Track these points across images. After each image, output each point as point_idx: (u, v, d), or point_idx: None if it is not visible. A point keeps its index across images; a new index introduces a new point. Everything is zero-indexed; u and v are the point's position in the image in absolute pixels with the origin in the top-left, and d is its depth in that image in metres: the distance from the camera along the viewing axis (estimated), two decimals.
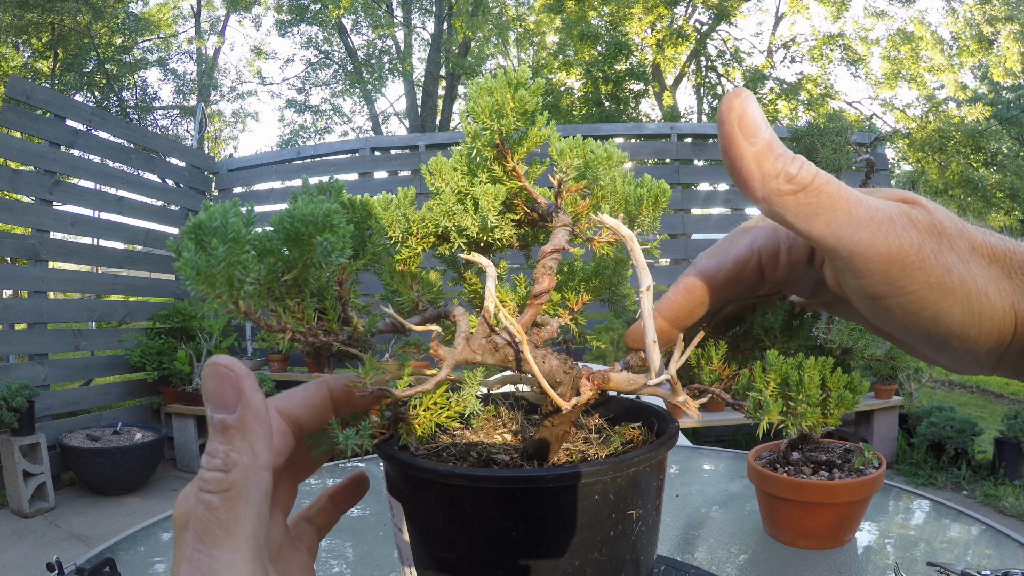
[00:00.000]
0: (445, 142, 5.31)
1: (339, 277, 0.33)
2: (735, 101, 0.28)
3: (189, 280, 0.27)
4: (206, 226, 0.27)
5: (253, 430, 0.28)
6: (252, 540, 0.27)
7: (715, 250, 0.37)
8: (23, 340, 3.82)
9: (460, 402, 0.40)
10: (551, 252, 0.42)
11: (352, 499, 0.43)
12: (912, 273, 0.27)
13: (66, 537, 3.16)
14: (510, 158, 0.44)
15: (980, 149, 9.19)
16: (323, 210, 0.29)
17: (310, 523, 0.41)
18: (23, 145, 3.92)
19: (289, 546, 0.38)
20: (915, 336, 0.29)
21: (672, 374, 0.35)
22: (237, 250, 0.27)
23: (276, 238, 0.30)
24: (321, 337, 0.33)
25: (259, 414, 0.28)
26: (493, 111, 0.41)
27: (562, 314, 0.48)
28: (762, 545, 0.94)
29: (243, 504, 0.27)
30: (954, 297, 0.27)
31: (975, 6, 11.66)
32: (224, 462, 0.27)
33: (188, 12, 13.62)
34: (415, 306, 0.44)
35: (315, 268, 0.30)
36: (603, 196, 0.45)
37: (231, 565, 0.26)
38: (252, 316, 0.30)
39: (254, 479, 0.27)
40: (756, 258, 0.36)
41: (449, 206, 0.44)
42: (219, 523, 0.26)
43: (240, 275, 0.28)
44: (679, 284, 0.38)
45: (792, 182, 0.27)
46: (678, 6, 12.15)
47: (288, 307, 0.31)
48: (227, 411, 0.28)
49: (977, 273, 0.27)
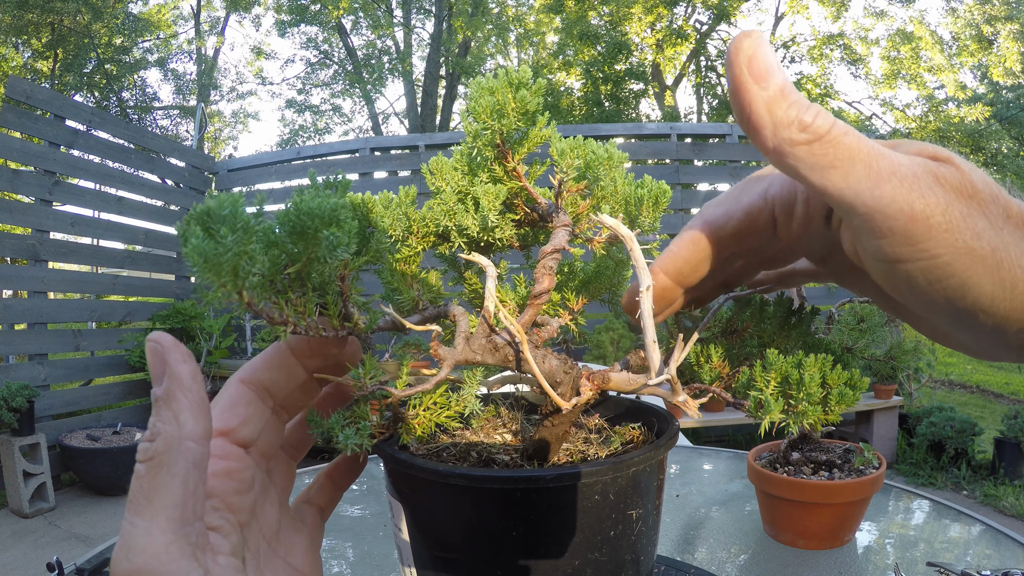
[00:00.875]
0: (445, 142, 5.31)
1: (341, 273, 0.33)
2: (744, 42, 0.25)
3: (196, 267, 0.27)
4: (215, 214, 0.27)
5: (177, 399, 0.27)
6: (173, 509, 0.26)
7: (724, 198, 0.34)
8: (23, 340, 3.82)
9: (460, 402, 0.40)
10: (551, 252, 0.42)
11: (350, 476, 0.43)
12: (938, 235, 0.24)
13: (66, 537, 3.16)
14: (511, 158, 0.44)
15: (980, 149, 9.19)
16: (330, 204, 0.29)
17: (311, 505, 0.41)
18: (23, 145, 3.92)
19: (290, 528, 0.37)
20: (938, 309, 0.27)
21: (672, 373, 0.35)
22: (245, 240, 0.27)
23: (282, 231, 0.30)
24: (321, 332, 0.33)
25: (183, 383, 0.28)
26: (494, 111, 0.41)
27: (562, 314, 0.48)
28: (762, 545, 0.94)
29: (164, 472, 0.26)
30: (984, 265, 0.24)
31: (975, 6, 11.67)
32: (151, 432, 0.27)
33: (188, 12, 13.63)
34: (415, 305, 0.44)
35: (319, 262, 0.30)
36: (604, 196, 0.45)
37: (146, 533, 0.26)
38: (255, 307, 0.30)
39: (177, 448, 0.27)
40: (770, 208, 0.32)
41: (450, 205, 0.44)
42: (142, 491, 0.26)
43: (246, 265, 0.28)
44: (683, 235, 0.35)
45: (807, 131, 0.25)
46: (678, 6, 12.16)
47: (290, 300, 0.31)
48: (158, 384, 0.28)
49: (1011, 243, 0.25)
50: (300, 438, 0.40)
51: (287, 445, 0.39)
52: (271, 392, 0.36)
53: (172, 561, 0.26)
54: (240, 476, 0.33)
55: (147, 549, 0.25)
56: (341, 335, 0.34)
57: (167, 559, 0.26)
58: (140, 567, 0.25)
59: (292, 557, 0.36)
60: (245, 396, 0.35)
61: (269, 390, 0.35)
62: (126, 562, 0.25)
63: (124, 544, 0.26)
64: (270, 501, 0.36)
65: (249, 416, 0.34)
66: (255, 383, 0.35)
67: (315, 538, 0.40)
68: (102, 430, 3.90)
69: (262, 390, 0.35)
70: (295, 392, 0.37)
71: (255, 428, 0.35)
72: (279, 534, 0.36)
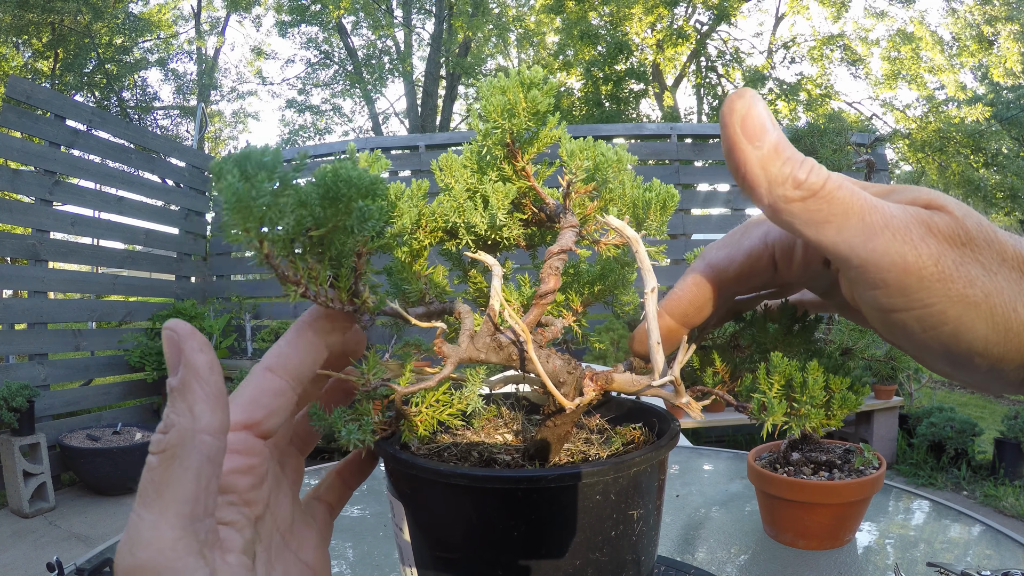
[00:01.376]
0: (445, 142, 5.32)
1: (359, 249, 0.33)
2: (737, 103, 0.26)
3: (227, 206, 0.26)
4: (255, 159, 0.26)
5: (192, 390, 0.27)
6: (183, 504, 0.25)
7: (726, 242, 0.35)
8: (23, 340, 3.82)
9: (462, 400, 0.41)
10: (558, 253, 0.42)
11: (360, 474, 0.43)
12: (931, 285, 0.25)
13: (66, 537, 3.16)
14: (520, 158, 0.44)
15: (980, 149, 9.19)
16: (370, 177, 0.29)
17: (320, 502, 0.41)
18: (23, 145, 3.91)
19: (302, 522, 0.37)
20: (934, 352, 0.28)
21: (676, 375, 0.35)
22: (281, 190, 0.27)
23: (315, 193, 0.29)
24: (329, 302, 0.33)
25: (199, 374, 0.27)
26: (505, 110, 0.41)
27: (566, 315, 0.48)
28: (762, 545, 0.94)
29: (176, 465, 0.26)
30: (977, 311, 0.25)
31: (975, 6, 11.66)
32: (165, 424, 0.26)
33: (188, 12, 13.64)
34: (421, 297, 0.44)
35: (343, 232, 0.30)
36: (611, 199, 0.45)
37: (154, 526, 0.25)
38: (272, 260, 0.29)
39: (190, 441, 0.26)
40: (770, 252, 0.34)
41: (459, 202, 0.44)
42: (152, 484, 0.26)
43: (275, 216, 0.27)
44: (687, 279, 0.36)
45: (801, 188, 0.26)
46: (678, 6, 12.16)
47: (307, 263, 0.31)
48: (173, 373, 0.27)
49: (1005, 286, 0.26)
50: (309, 431, 0.39)
51: (295, 438, 0.39)
52: (300, 377, 0.34)
53: (178, 558, 0.25)
54: (259, 471, 0.32)
55: (153, 543, 0.25)
56: (347, 310, 0.34)
57: (173, 556, 0.25)
58: (144, 562, 0.25)
59: (303, 551, 0.36)
60: (274, 386, 0.33)
61: (298, 375, 0.34)
62: (130, 556, 0.25)
63: (130, 538, 0.25)
64: (284, 493, 0.36)
65: (277, 407, 0.33)
66: (284, 369, 0.33)
67: (325, 534, 0.39)
68: (102, 430, 3.90)
69: (292, 376, 0.34)
70: (314, 369, 0.35)
71: (281, 419, 0.33)
72: (292, 527, 0.36)
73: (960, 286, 0.25)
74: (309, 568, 0.36)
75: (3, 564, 2.86)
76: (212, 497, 0.27)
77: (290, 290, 0.31)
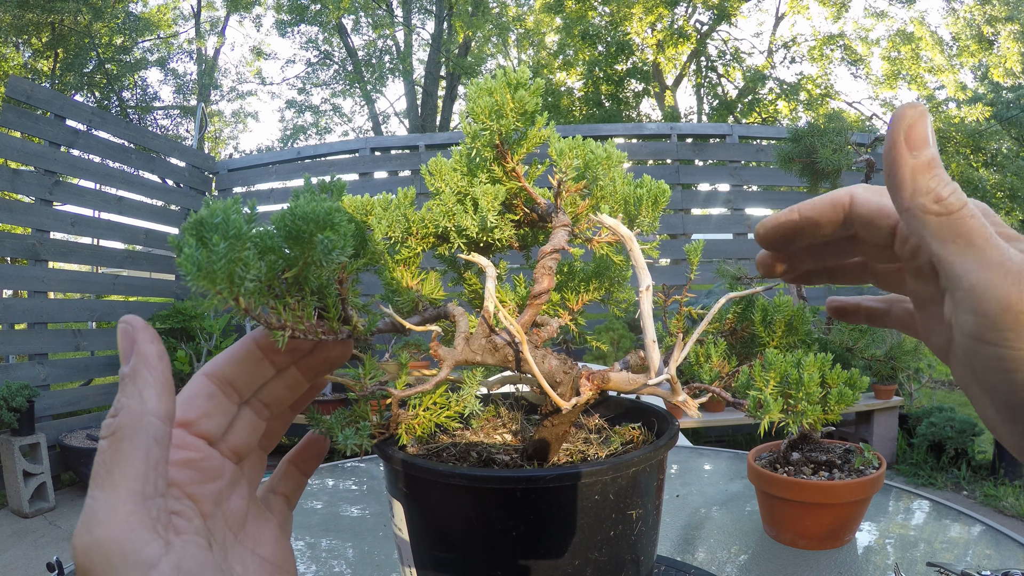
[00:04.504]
0: (445, 142, 5.31)
1: (339, 276, 0.33)
2: (908, 112, 0.29)
3: (190, 276, 0.27)
4: (208, 222, 0.27)
5: (142, 376, 0.28)
6: (134, 482, 0.26)
7: (881, 190, 0.36)
8: (23, 340, 3.82)
9: (460, 402, 0.41)
10: (551, 252, 0.42)
11: (314, 459, 0.43)
12: (1022, 330, 0.27)
13: (66, 537, 3.16)
14: (510, 158, 0.44)
15: (980, 149, 9.18)
16: (324, 208, 0.29)
17: (276, 494, 0.41)
18: (23, 145, 3.91)
19: (257, 517, 0.37)
20: (998, 397, 0.29)
21: (672, 373, 0.35)
22: (238, 247, 0.27)
23: (278, 235, 0.30)
24: (320, 335, 0.33)
25: (149, 362, 0.29)
26: (493, 111, 0.41)
27: (562, 314, 0.48)
28: (762, 545, 0.94)
29: (127, 446, 0.27)
30: None
31: (975, 6, 11.66)
32: (115, 408, 0.28)
33: (188, 12, 13.64)
34: (415, 306, 0.44)
35: (315, 266, 0.30)
36: (603, 196, 0.45)
37: (108, 505, 0.26)
38: (252, 313, 0.30)
39: (140, 422, 0.27)
40: (845, 204, 0.34)
41: (449, 206, 0.44)
42: (104, 465, 0.27)
43: (241, 272, 0.28)
44: (825, 196, 0.36)
45: (940, 203, 0.28)
46: (678, 6, 12.15)
47: (288, 304, 0.31)
48: (125, 362, 0.29)
49: None
50: (272, 428, 0.40)
51: (261, 438, 0.39)
52: (235, 386, 0.35)
53: (132, 531, 0.26)
54: (200, 466, 0.33)
55: (107, 520, 0.26)
56: (341, 338, 0.34)
57: (127, 529, 0.26)
58: (101, 538, 0.25)
59: (260, 547, 0.36)
60: (206, 389, 0.35)
61: (233, 384, 0.35)
62: (87, 535, 0.26)
63: (86, 517, 0.26)
64: (238, 493, 0.36)
65: (209, 409, 0.34)
66: (218, 377, 0.35)
67: (284, 527, 0.40)
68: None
69: (225, 384, 0.35)
70: (274, 387, 0.37)
71: (217, 422, 0.34)
72: (246, 526, 0.36)
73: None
74: (269, 563, 0.36)
75: (3, 564, 2.86)
76: (161, 478, 0.28)
77: (277, 336, 0.31)
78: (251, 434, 0.37)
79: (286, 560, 0.37)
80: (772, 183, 5.04)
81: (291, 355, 0.36)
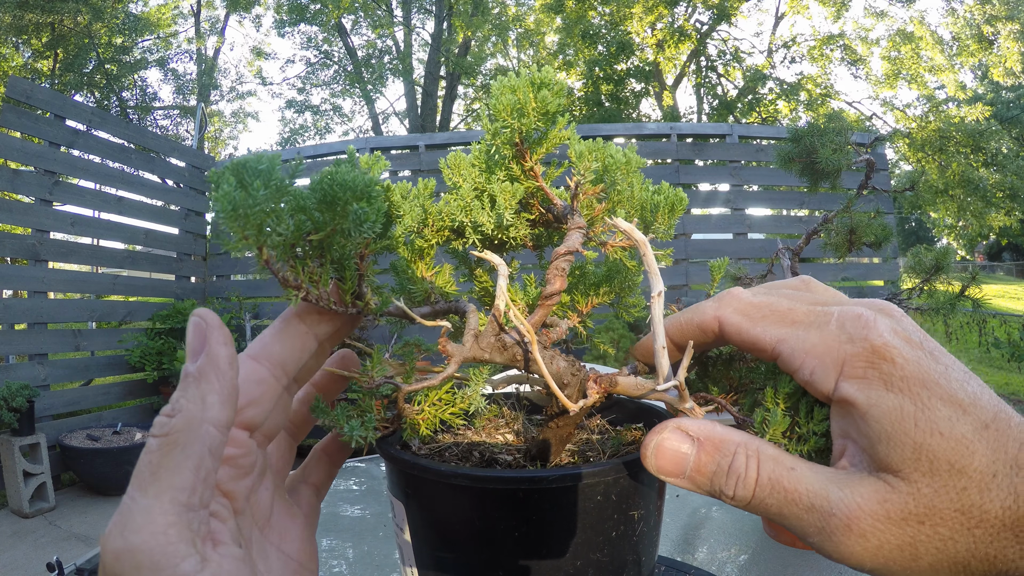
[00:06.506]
0: (445, 142, 5.31)
1: (361, 251, 0.33)
2: (647, 450, 0.31)
3: (223, 214, 0.26)
4: (251, 167, 0.26)
5: (208, 380, 0.26)
6: (179, 492, 0.25)
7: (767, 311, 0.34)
8: (23, 340, 3.82)
9: (465, 399, 0.41)
10: (565, 254, 0.42)
11: (346, 449, 0.41)
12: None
13: (66, 537, 3.16)
14: (528, 158, 0.44)
15: (980, 149, 9.18)
16: (365, 179, 0.29)
17: (307, 485, 0.39)
18: (23, 145, 3.91)
19: (284, 513, 0.36)
20: None
21: (680, 381, 0.35)
22: (276, 197, 0.27)
23: (312, 198, 0.29)
24: (332, 305, 0.33)
25: (218, 366, 0.27)
26: (515, 109, 0.41)
27: (571, 316, 0.48)
28: (762, 545, 0.94)
29: (178, 452, 0.25)
30: None
31: (975, 6, 11.66)
32: (172, 408, 0.26)
33: (188, 12, 13.63)
34: (426, 297, 0.44)
35: (342, 235, 0.30)
36: (619, 201, 0.45)
37: (147, 510, 0.24)
38: (272, 265, 0.29)
39: (196, 429, 0.26)
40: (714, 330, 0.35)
41: (467, 201, 0.44)
42: (150, 467, 0.25)
43: (272, 223, 0.27)
44: (694, 318, 0.37)
45: (735, 500, 0.30)
46: (678, 6, 12.15)
47: (308, 267, 0.31)
48: (192, 360, 0.27)
49: (961, 547, 0.26)
50: (304, 417, 0.38)
51: (290, 425, 0.37)
52: (285, 367, 0.33)
53: (170, 544, 0.24)
54: (239, 463, 0.31)
55: (145, 527, 0.24)
56: (351, 312, 0.34)
57: (164, 540, 0.24)
58: (135, 546, 0.24)
59: (286, 544, 0.35)
60: (256, 375, 0.32)
61: (283, 365, 0.33)
62: (120, 539, 0.24)
63: (122, 520, 0.24)
64: (264, 486, 0.34)
65: (258, 397, 0.32)
66: (268, 359, 0.33)
67: (311, 521, 0.38)
68: (102, 430, 3.90)
69: (276, 366, 0.33)
70: (308, 362, 0.35)
71: (263, 409, 0.32)
72: (271, 520, 0.34)
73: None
74: (293, 560, 0.34)
75: (3, 564, 2.86)
76: (209, 490, 0.26)
77: (291, 294, 0.31)
78: (284, 415, 0.34)
79: (311, 558, 0.36)
80: (772, 183, 5.04)
81: (332, 323, 0.34)
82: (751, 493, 0.28)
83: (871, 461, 0.27)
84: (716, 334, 0.34)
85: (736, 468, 0.29)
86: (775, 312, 0.32)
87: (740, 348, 0.34)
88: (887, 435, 0.27)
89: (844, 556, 0.27)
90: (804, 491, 0.28)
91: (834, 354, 0.29)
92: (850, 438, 0.29)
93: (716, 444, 0.30)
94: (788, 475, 0.28)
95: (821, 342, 0.29)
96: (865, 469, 0.28)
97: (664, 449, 0.30)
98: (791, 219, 5.06)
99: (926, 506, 0.26)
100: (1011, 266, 28.56)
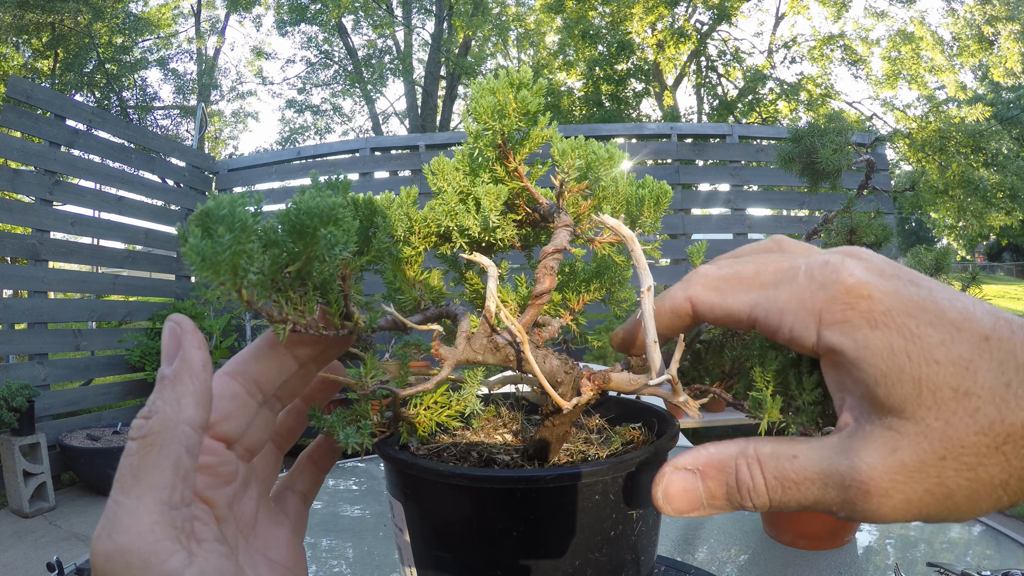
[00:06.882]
0: (445, 142, 5.31)
1: (343, 272, 0.33)
2: (656, 489, 0.31)
3: (194, 266, 0.27)
4: (214, 214, 0.27)
5: (183, 382, 0.27)
6: (161, 491, 0.26)
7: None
8: (23, 340, 3.82)
9: (461, 401, 0.41)
10: (552, 252, 0.42)
11: (331, 456, 0.42)
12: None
13: (66, 537, 3.16)
14: (512, 158, 0.44)
15: (980, 149, 9.18)
16: (328, 204, 0.29)
17: (293, 492, 0.40)
18: (23, 145, 3.91)
19: (269, 520, 0.36)
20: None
21: (673, 374, 0.35)
22: (243, 239, 0.27)
23: (282, 230, 0.30)
24: (322, 331, 0.33)
25: (192, 369, 0.28)
26: (495, 111, 0.41)
27: (563, 314, 0.48)
28: (762, 545, 0.94)
29: (156, 452, 0.26)
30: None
31: (975, 6, 11.66)
32: (149, 410, 0.27)
33: (188, 12, 13.64)
34: (417, 305, 0.44)
35: (319, 261, 0.30)
36: (605, 197, 0.45)
37: (132, 511, 0.25)
38: (254, 305, 0.30)
39: (172, 430, 0.26)
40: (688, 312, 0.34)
41: (451, 206, 0.44)
42: (130, 469, 0.26)
43: (245, 264, 0.28)
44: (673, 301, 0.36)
45: (757, 510, 0.30)
46: (678, 6, 12.16)
47: (290, 299, 0.31)
48: (168, 363, 0.28)
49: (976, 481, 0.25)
50: (290, 427, 0.39)
51: (275, 434, 0.38)
52: (260, 385, 0.34)
53: (157, 542, 0.25)
54: (217, 471, 0.32)
55: (132, 528, 0.25)
56: (342, 334, 0.34)
57: (152, 539, 0.25)
58: (123, 547, 0.25)
59: (271, 551, 0.35)
60: (229, 390, 0.33)
61: (258, 383, 0.34)
62: (108, 541, 0.25)
63: (108, 523, 0.25)
64: (249, 495, 0.35)
65: (232, 411, 0.33)
66: (242, 376, 0.34)
67: (298, 528, 0.38)
68: (102, 430, 3.90)
69: (250, 383, 0.34)
70: (290, 380, 0.35)
71: (238, 424, 0.33)
72: (256, 528, 0.35)
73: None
74: (280, 566, 0.35)
75: (3, 564, 2.86)
76: (189, 488, 0.27)
77: (279, 330, 0.31)
78: (265, 430, 0.35)
79: (297, 563, 0.36)
80: (772, 183, 5.04)
81: (315, 347, 0.35)
82: (766, 497, 0.28)
83: (872, 408, 0.26)
84: (691, 315, 0.33)
85: (743, 480, 0.29)
86: (742, 280, 0.31)
87: (717, 324, 0.33)
88: (882, 375, 0.25)
89: (877, 518, 0.26)
90: (812, 475, 0.27)
91: (808, 305, 0.27)
92: (847, 389, 0.27)
93: (716, 466, 0.30)
94: (791, 466, 0.28)
95: (793, 296, 0.28)
96: (869, 418, 0.26)
97: (672, 493, 0.30)
98: (791, 219, 5.05)
99: (941, 440, 0.24)
100: (1011, 266, 28.57)
